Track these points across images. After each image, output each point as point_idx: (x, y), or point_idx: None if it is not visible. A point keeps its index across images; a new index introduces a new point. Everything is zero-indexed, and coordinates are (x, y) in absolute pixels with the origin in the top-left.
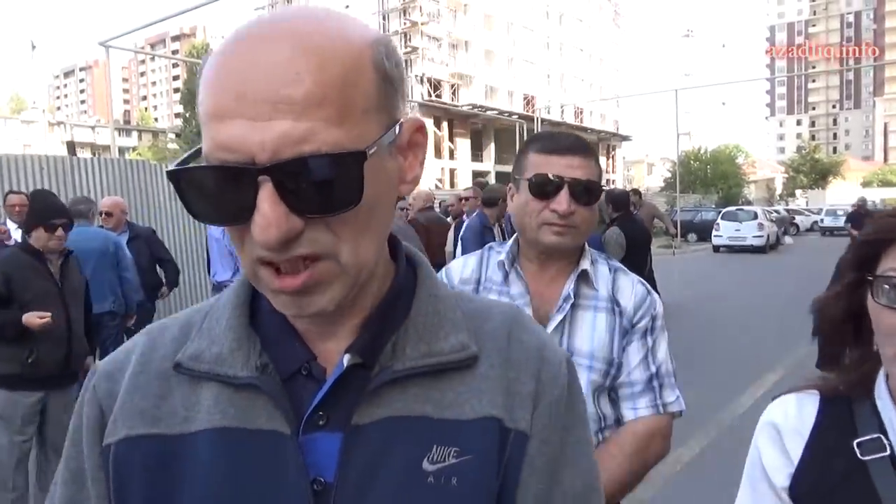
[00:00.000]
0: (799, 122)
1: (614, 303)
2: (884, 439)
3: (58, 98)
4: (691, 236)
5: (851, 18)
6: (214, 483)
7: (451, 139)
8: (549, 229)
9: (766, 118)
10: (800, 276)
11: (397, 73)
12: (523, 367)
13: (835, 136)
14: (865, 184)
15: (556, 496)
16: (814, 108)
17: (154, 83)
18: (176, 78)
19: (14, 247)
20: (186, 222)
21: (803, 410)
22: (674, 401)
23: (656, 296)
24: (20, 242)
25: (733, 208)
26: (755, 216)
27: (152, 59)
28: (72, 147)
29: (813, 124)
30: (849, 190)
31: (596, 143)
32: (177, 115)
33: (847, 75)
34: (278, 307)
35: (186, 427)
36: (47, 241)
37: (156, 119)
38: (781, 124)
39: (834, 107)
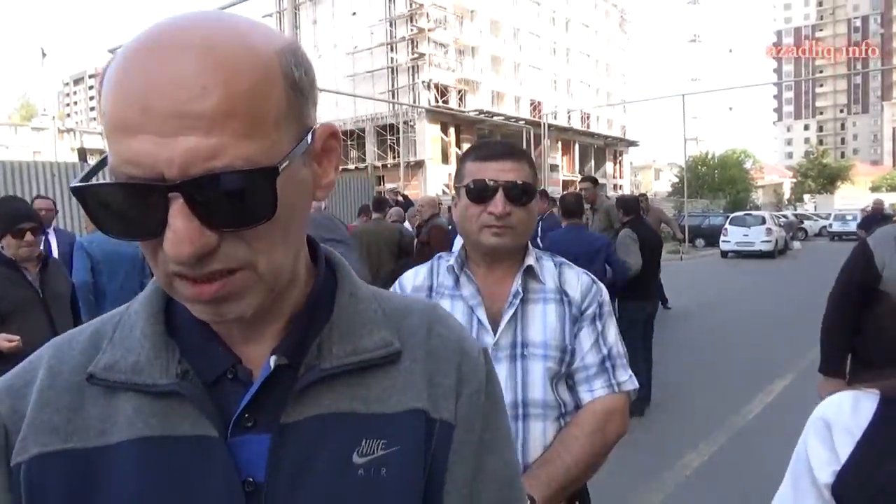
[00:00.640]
0: (807, 127)
1: (562, 293)
2: None
3: (67, 105)
4: (699, 241)
5: (859, 23)
6: (141, 494)
7: (457, 145)
8: (489, 231)
9: (774, 123)
10: (809, 282)
11: (307, 81)
12: (444, 359)
13: (843, 140)
14: (874, 188)
15: (480, 480)
16: (821, 113)
17: None
18: None
19: None
20: None
21: (859, 408)
22: (627, 379)
23: (601, 284)
24: None
25: (741, 213)
26: (763, 221)
27: None
28: (82, 154)
29: (821, 129)
30: (857, 194)
31: (603, 149)
32: None
33: (855, 79)
34: (196, 314)
35: (104, 440)
36: (17, 249)
37: None
38: (789, 129)
39: (842, 111)
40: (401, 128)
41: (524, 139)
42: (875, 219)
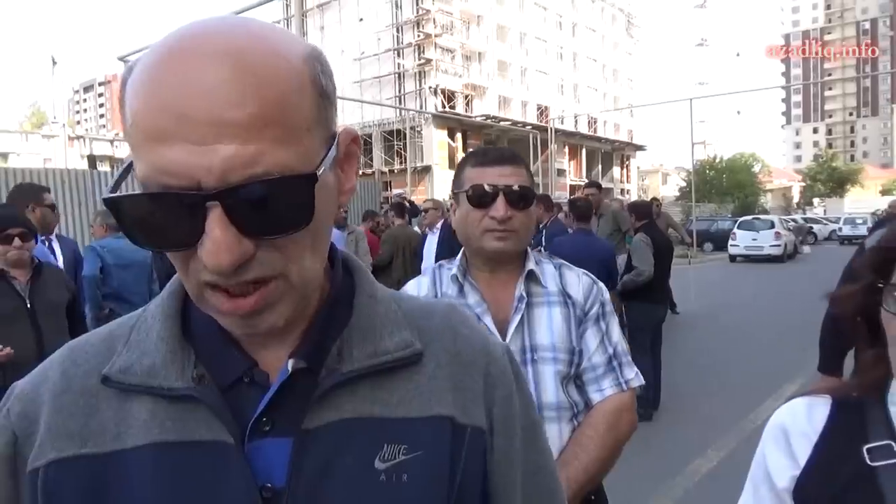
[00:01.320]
0: (815, 130)
1: (565, 295)
2: (894, 446)
3: (77, 112)
4: (707, 246)
5: (867, 25)
6: (156, 499)
7: (464, 150)
8: (491, 235)
9: (782, 126)
10: (818, 286)
11: (331, 87)
12: (470, 363)
13: (852, 143)
14: (885, 192)
15: (529, 479)
16: (830, 116)
17: None
18: None
19: None
20: None
21: (813, 413)
22: (633, 376)
23: (601, 284)
24: None
25: (750, 217)
26: (772, 225)
27: None
28: (92, 161)
29: (830, 132)
30: (867, 198)
31: (610, 153)
32: None
33: (864, 82)
34: (227, 326)
35: (120, 444)
36: (4, 254)
37: None
38: (798, 132)
39: (851, 114)
40: (408, 133)
41: (531, 144)
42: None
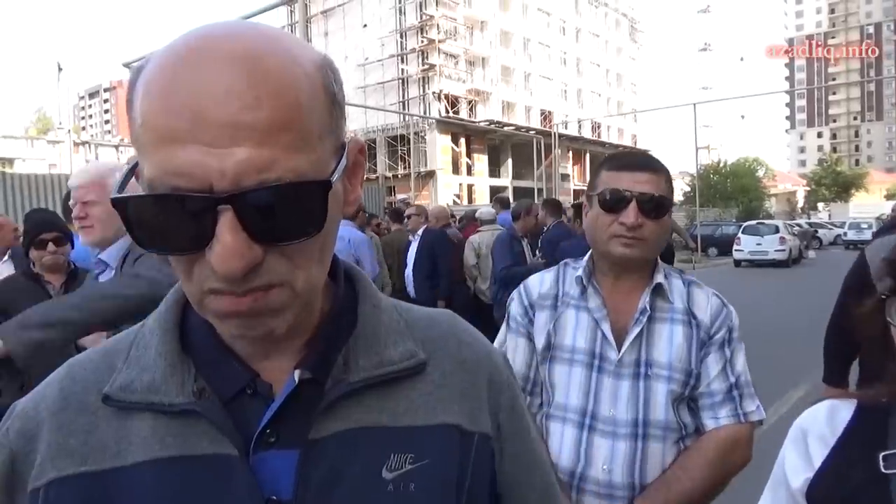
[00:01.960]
0: (820, 135)
1: (690, 315)
2: None
3: (83, 118)
4: (712, 250)
5: (871, 30)
6: None
7: (468, 155)
8: (619, 241)
9: (787, 131)
10: (823, 291)
11: (342, 96)
12: (475, 372)
13: (857, 148)
14: (889, 196)
15: (531, 473)
16: (835, 121)
17: None
18: None
19: (16, 272)
20: None
21: (835, 417)
22: (754, 410)
23: (731, 308)
24: (22, 267)
25: (754, 222)
26: (777, 230)
27: None
28: None
29: (834, 136)
30: (872, 202)
31: None
32: None
33: (868, 87)
34: (226, 331)
35: (120, 461)
36: (39, 259)
37: None
38: (802, 137)
39: (855, 118)
40: (411, 138)
41: (534, 149)
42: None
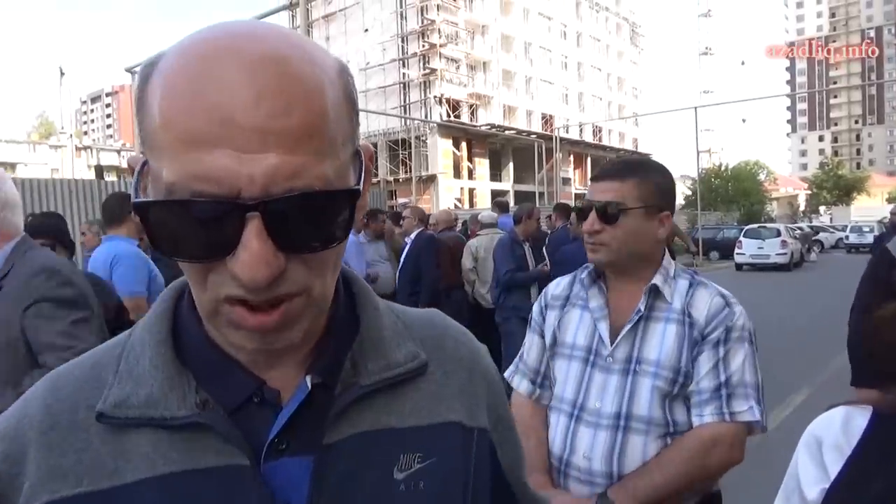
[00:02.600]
0: (821, 138)
1: (686, 314)
2: None
3: (85, 123)
4: (713, 254)
5: (872, 34)
6: None
7: (469, 159)
8: (588, 247)
9: (788, 134)
10: (825, 295)
11: (358, 102)
12: (471, 369)
13: (858, 151)
14: (891, 199)
15: (521, 469)
16: (836, 124)
17: None
18: None
19: None
20: None
21: (850, 425)
22: (744, 410)
23: (739, 308)
24: None
25: (756, 226)
26: (778, 233)
27: None
28: (100, 171)
29: (835, 140)
30: (874, 206)
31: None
32: None
33: (869, 90)
34: (239, 342)
35: (118, 479)
36: None
37: None
38: (803, 140)
39: (857, 122)
40: (413, 142)
41: (536, 153)
42: None
